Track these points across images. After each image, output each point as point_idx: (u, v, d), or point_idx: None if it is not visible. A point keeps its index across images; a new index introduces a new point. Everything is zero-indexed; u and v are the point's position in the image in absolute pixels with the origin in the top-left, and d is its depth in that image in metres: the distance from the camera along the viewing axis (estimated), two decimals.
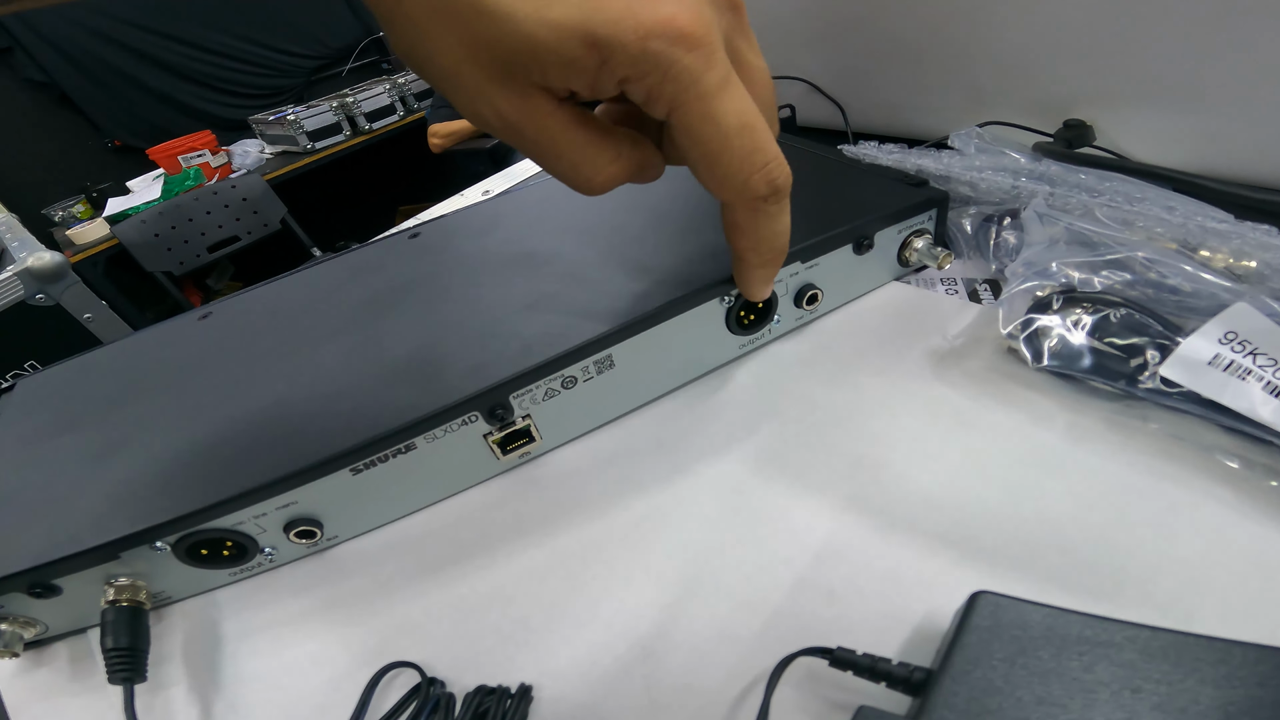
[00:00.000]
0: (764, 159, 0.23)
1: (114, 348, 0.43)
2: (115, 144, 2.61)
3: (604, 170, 0.24)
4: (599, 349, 0.30)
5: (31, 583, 0.27)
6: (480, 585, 0.28)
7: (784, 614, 0.24)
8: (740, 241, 0.26)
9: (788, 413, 0.32)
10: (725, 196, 0.24)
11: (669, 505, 0.29)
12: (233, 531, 0.28)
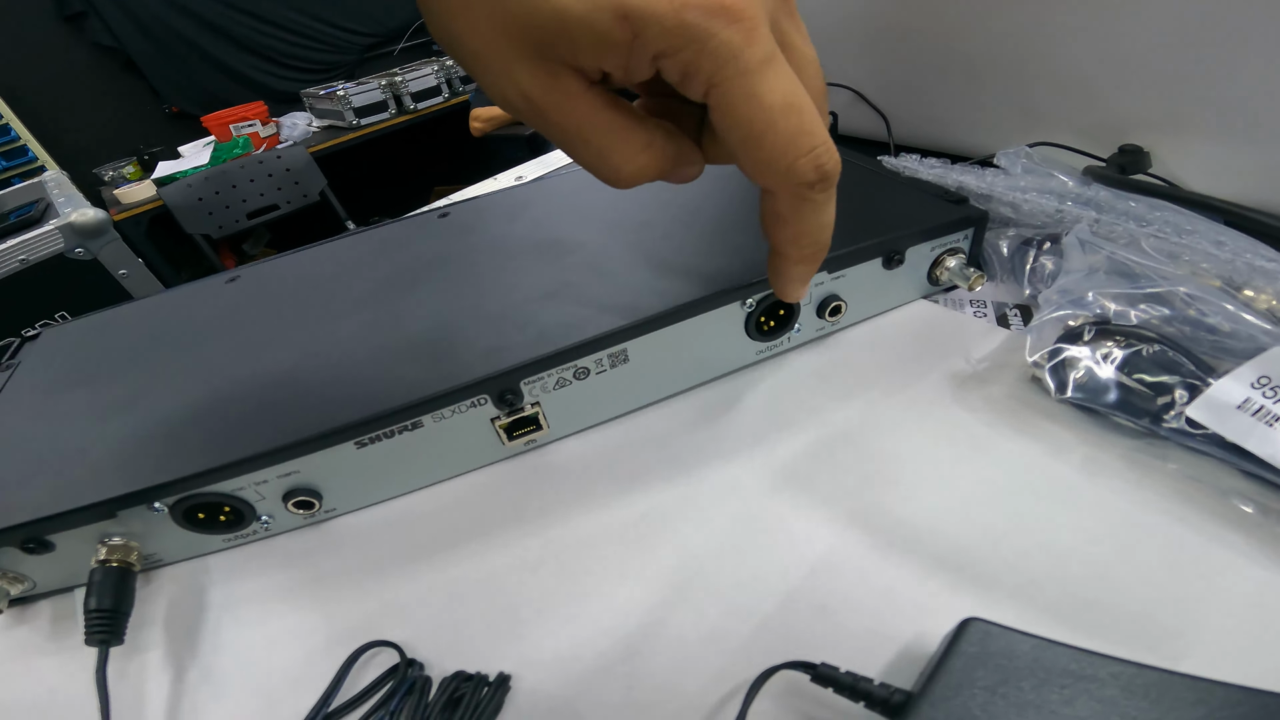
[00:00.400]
0: (812, 142, 0.21)
1: (140, 304, 0.44)
2: (172, 110, 2.70)
3: (634, 160, 0.22)
4: (614, 342, 0.30)
5: (26, 537, 0.27)
6: (472, 571, 0.28)
7: (773, 624, 0.24)
8: (780, 233, 0.24)
9: (800, 424, 0.31)
10: (768, 182, 0.22)
11: (670, 506, 0.29)
12: (231, 497, 0.28)
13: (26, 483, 0.29)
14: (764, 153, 0.21)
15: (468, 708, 0.21)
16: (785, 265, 0.26)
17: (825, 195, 0.23)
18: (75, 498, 0.27)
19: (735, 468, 0.30)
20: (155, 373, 0.35)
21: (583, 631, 0.25)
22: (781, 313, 0.33)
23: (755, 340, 0.34)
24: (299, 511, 0.29)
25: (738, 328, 0.33)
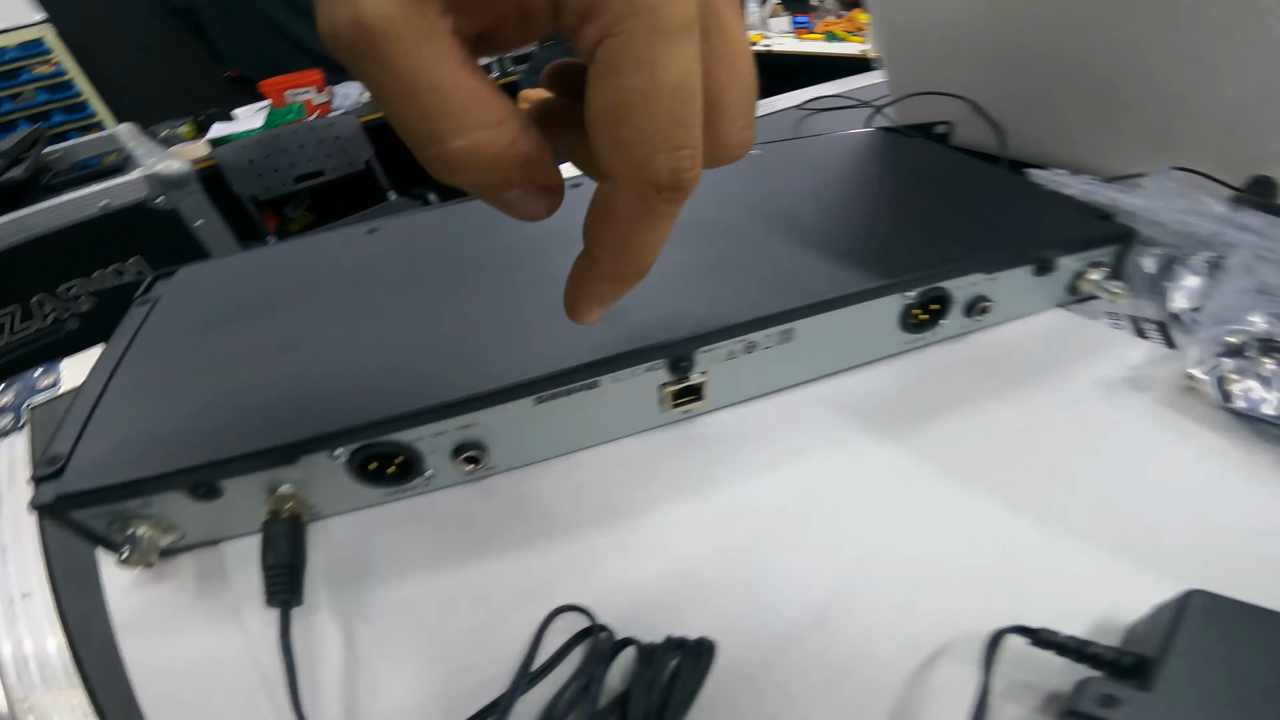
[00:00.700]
0: (682, 140, 0.17)
1: (275, 250, 0.44)
2: (232, 74, 2.73)
3: (471, 133, 0.17)
4: (788, 320, 0.31)
5: (197, 482, 0.26)
6: (640, 536, 0.28)
7: (958, 597, 0.24)
8: (603, 236, 0.20)
9: (953, 415, 0.32)
10: (615, 166, 0.18)
11: (833, 481, 0.29)
12: (407, 448, 0.28)
13: (194, 424, 0.28)
14: (627, 130, 0.17)
15: (684, 675, 0.21)
16: (591, 277, 0.21)
17: (669, 209, 0.19)
18: (254, 441, 0.26)
19: (893, 450, 0.31)
20: (311, 318, 0.35)
21: (766, 599, 0.25)
22: (935, 307, 0.34)
23: (904, 331, 0.34)
24: (466, 467, 0.29)
25: (893, 318, 0.34)
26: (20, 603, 0.30)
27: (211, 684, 0.25)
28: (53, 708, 0.26)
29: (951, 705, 0.21)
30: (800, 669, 0.23)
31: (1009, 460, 0.30)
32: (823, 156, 0.49)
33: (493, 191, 0.19)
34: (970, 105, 0.55)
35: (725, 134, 0.20)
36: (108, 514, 0.26)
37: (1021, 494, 0.28)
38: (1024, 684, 0.21)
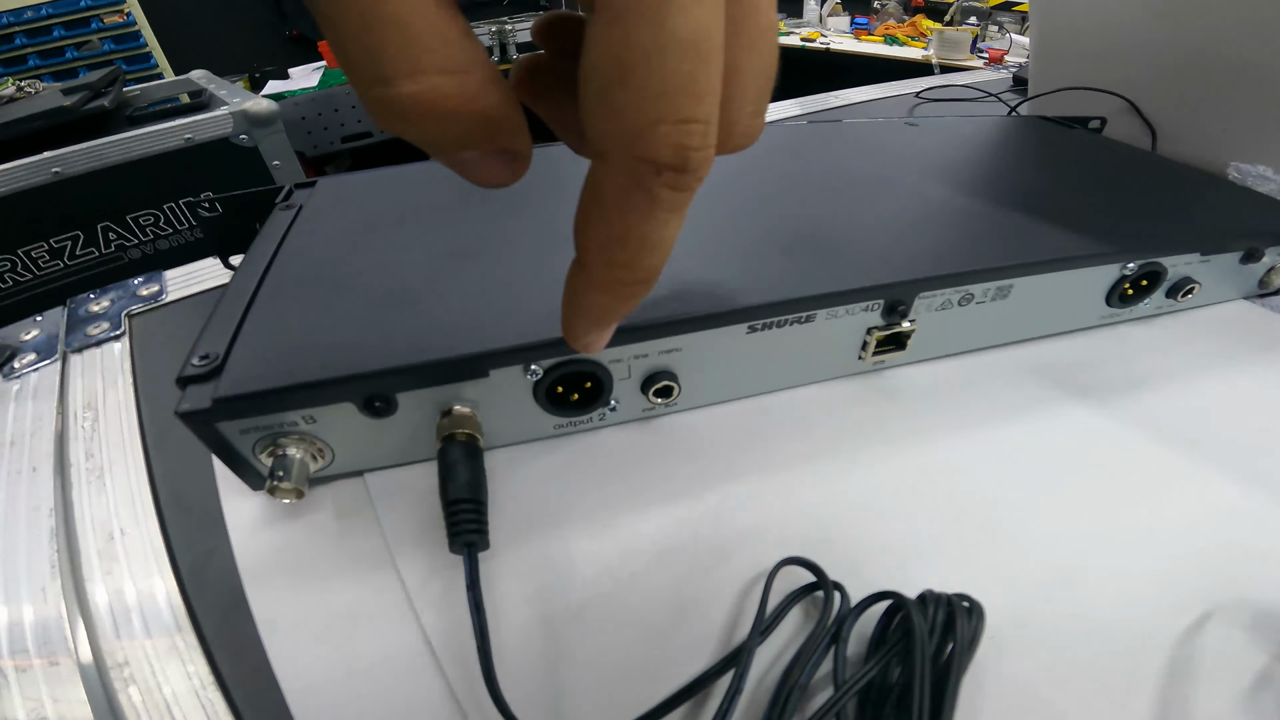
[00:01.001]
0: (690, 111, 0.14)
1: (415, 168, 0.42)
2: (294, 34, 2.76)
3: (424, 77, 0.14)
4: (1011, 274, 0.29)
5: (376, 391, 0.23)
6: (842, 489, 0.26)
7: (1209, 564, 0.23)
8: (592, 232, 0.16)
9: (1160, 388, 0.31)
10: (607, 140, 0.14)
11: (1045, 443, 0.28)
12: (603, 369, 0.26)
13: (364, 331, 0.24)
14: (623, 94, 0.13)
15: (961, 634, 0.18)
16: (584, 287, 0.17)
17: (674, 197, 0.14)
18: (441, 349, 0.23)
19: (1105, 417, 0.29)
20: (483, 229, 0.32)
21: (1001, 557, 0.23)
22: (1144, 283, 0.33)
23: (1107, 305, 0.33)
24: (656, 400, 0.27)
25: (1102, 289, 0.32)
26: (120, 539, 0.27)
27: (362, 646, 0.21)
28: (157, 667, 0.22)
29: (1229, 670, 0.20)
30: (1056, 631, 0.21)
31: (1229, 438, 0.28)
32: (984, 136, 0.48)
33: (445, 150, 0.15)
34: (1126, 103, 0.53)
35: (733, 117, 0.16)
36: (262, 429, 0.23)
37: (1253, 470, 0.26)
38: None
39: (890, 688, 0.17)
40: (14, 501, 0.29)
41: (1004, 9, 2.47)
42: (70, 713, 0.21)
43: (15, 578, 0.25)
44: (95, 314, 0.43)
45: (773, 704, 0.17)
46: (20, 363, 0.38)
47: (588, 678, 0.20)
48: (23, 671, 0.22)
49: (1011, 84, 0.84)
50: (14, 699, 0.21)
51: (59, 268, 1.05)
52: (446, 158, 0.16)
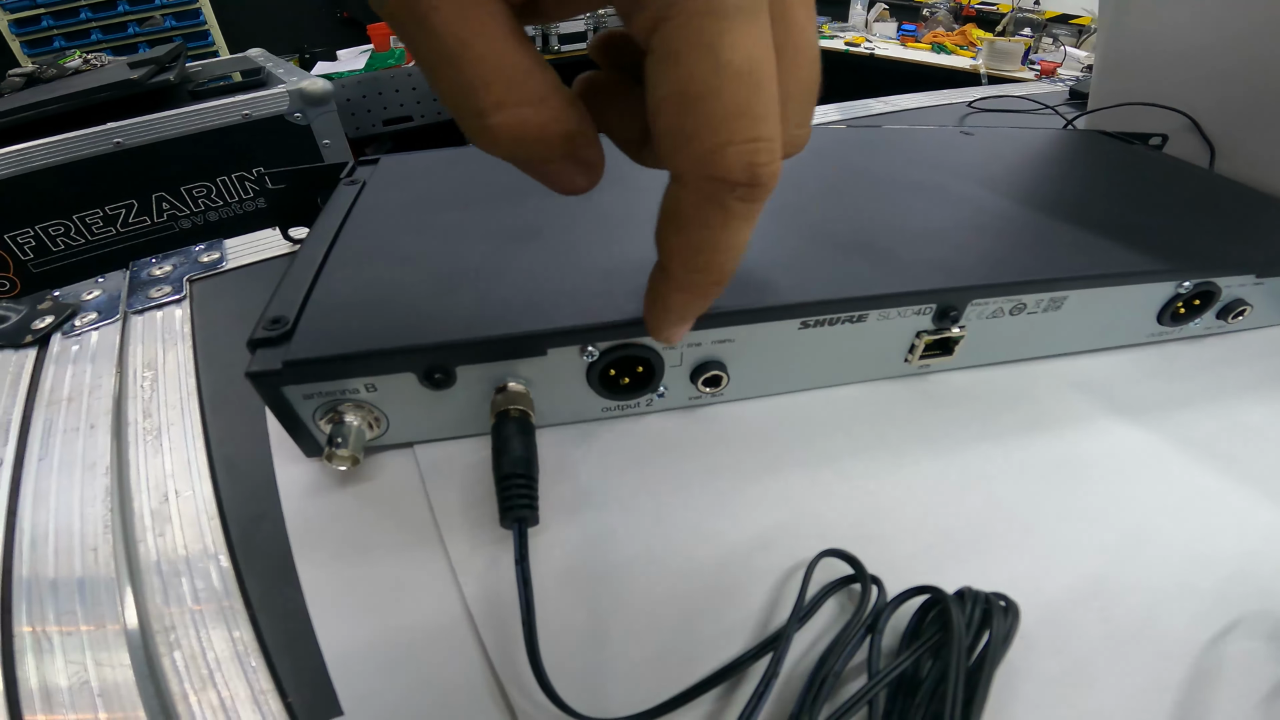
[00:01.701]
0: (754, 131, 0.15)
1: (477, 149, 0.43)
2: (344, 15, 2.82)
3: (512, 109, 0.16)
4: (1067, 286, 0.29)
5: (437, 363, 0.24)
6: (883, 485, 0.26)
7: (1237, 576, 0.23)
8: (673, 242, 0.18)
9: (1205, 408, 0.30)
10: (681, 164, 0.16)
11: (1085, 455, 0.28)
12: (655, 356, 0.26)
13: (428, 304, 0.25)
14: (691, 122, 0.15)
15: (996, 630, 0.18)
16: (667, 289, 0.20)
17: (746, 208, 0.16)
18: (503, 325, 0.24)
19: (1146, 433, 0.29)
20: (547, 211, 0.32)
21: (1034, 565, 0.23)
22: (1197, 302, 0.32)
23: (1158, 322, 0.33)
24: (704, 389, 0.28)
25: (1155, 306, 0.32)
26: (174, 501, 0.27)
27: (404, 617, 0.22)
28: (202, 632, 0.22)
29: (1248, 679, 0.20)
30: (1084, 635, 0.21)
31: (1270, 458, 0.28)
32: (1042, 147, 0.47)
33: (532, 165, 0.18)
34: (1187, 120, 0.52)
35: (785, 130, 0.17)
36: (325, 394, 0.24)
37: None
38: None
39: (922, 680, 0.18)
40: (70, 458, 0.30)
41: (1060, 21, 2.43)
42: (112, 676, 0.21)
43: (69, 535, 0.26)
44: (157, 277, 0.44)
45: (806, 689, 0.18)
46: (81, 321, 0.40)
47: (625, 656, 0.20)
48: (68, 635, 0.22)
49: (1068, 97, 0.82)
50: (57, 662, 0.21)
51: (112, 234, 1.09)
52: (532, 171, 0.18)
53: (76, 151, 0.98)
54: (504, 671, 0.20)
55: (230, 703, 0.20)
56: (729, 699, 0.19)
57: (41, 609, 0.23)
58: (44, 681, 0.21)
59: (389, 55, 2.42)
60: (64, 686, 0.21)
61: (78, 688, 0.21)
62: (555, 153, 0.17)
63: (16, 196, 0.99)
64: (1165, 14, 0.53)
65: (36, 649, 0.22)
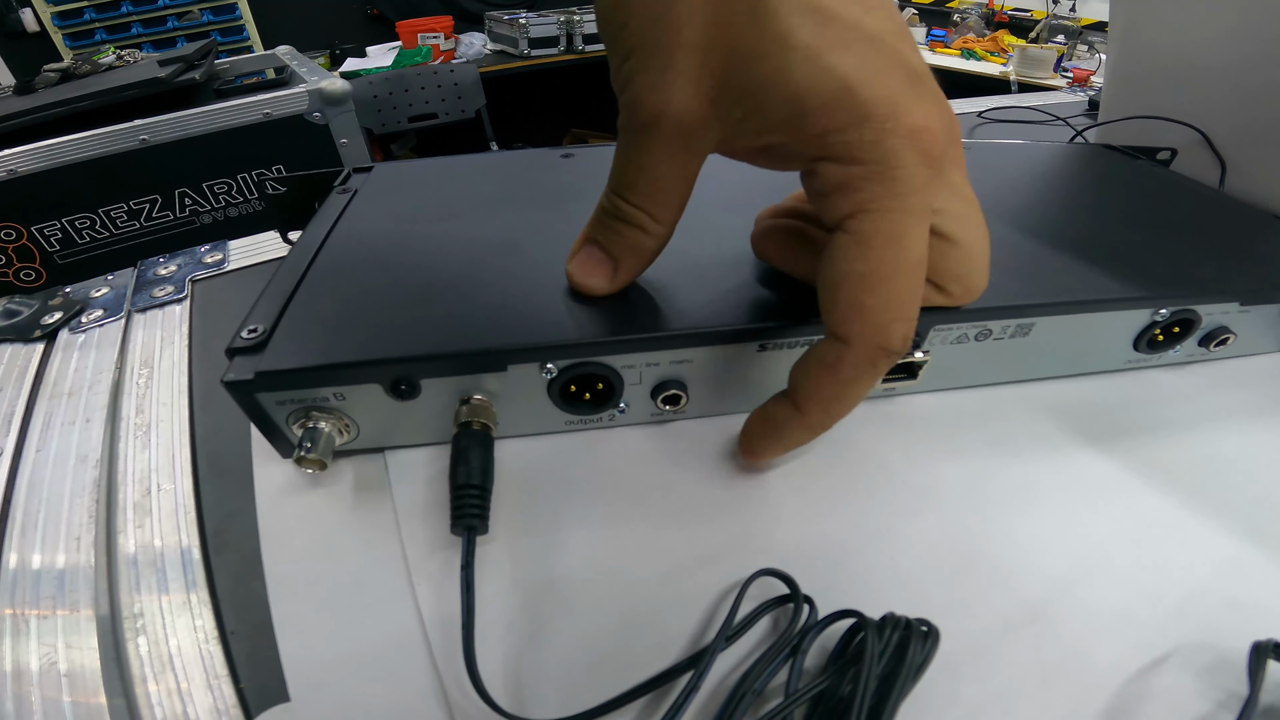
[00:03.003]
0: (912, 311, 0.20)
1: (469, 159, 0.43)
2: (373, 12, 2.88)
3: (644, 216, 0.23)
4: (1034, 314, 0.29)
5: (403, 375, 0.25)
6: (835, 506, 0.26)
7: (1180, 608, 0.23)
8: (821, 390, 0.22)
9: (1174, 437, 0.30)
10: (853, 331, 0.20)
11: (1044, 478, 0.28)
12: (615, 373, 0.26)
13: (400, 316, 0.26)
14: (872, 299, 0.19)
15: (911, 657, 0.18)
16: (793, 426, 0.23)
17: (884, 371, 0.21)
18: (467, 341, 0.25)
19: (1110, 459, 0.29)
20: (521, 228, 0.33)
21: (973, 590, 0.23)
22: (1176, 330, 0.32)
23: (1134, 349, 0.32)
24: (663, 407, 0.28)
25: (1131, 333, 0.31)
26: (155, 495, 0.29)
27: (359, 614, 0.22)
28: (168, 620, 0.23)
29: (1168, 714, 0.20)
30: (1011, 663, 0.21)
31: (1236, 489, 0.27)
32: (1043, 162, 0.47)
33: (611, 247, 0.25)
34: (1198, 135, 0.51)
35: (976, 283, 0.24)
36: (297, 401, 0.25)
37: (1250, 522, 0.26)
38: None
39: (839, 700, 0.18)
40: (65, 451, 0.31)
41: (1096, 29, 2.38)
42: (80, 659, 0.22)
43: (56, 524, 0.27)
44: (162, 277, 0.46)
45: (725, 705, 0.18)
46: (88, 318, 0.42)
47: (561, 663, 0.21)
48: (44, 618, 0.23)
49: (1087, 108, 0.81)
50: (31, 644, 0.23)
51: (135, 228, 1.12)
52: (599, 250, 0.26)
53: (104, 147, 1.02)
54: (446, 671, 0.21)
55: (186, 687, 0.21)
56: (653, 710, 0.20)
57: (24, 593, 0.25)
58: (16, 663, 0.22)
59: (416, 53, 2.45)
60: (34, 669, 0.22)
61: (46, 669, 0.22)
62: (629, 253, 0.25)
63: (46, 190, 1.02)
64: (1178, 26, 0.52)
65: (14, 632, 0.23)
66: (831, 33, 0.18)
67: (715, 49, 0.19)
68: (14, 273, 1.09)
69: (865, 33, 0.18)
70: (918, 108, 0.18)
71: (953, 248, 0.22)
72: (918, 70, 0.19)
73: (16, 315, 0.43)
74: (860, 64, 0.18)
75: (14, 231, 1.05)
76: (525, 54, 2.46)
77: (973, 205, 0.23)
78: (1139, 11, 0.56)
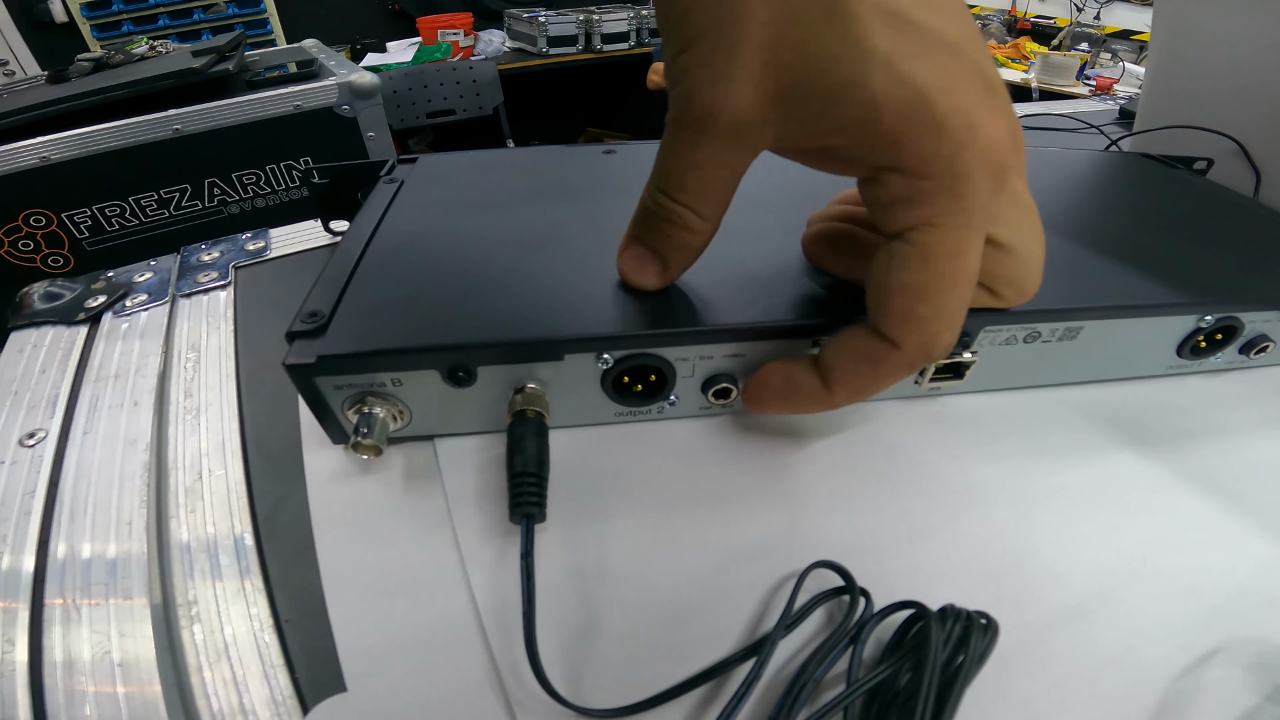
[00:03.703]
0: (961, 320, 0.20)
1: (512, 152, 0.43)
2: (394, 8, 2.89)
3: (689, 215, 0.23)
4: (1083, 317, 0.29)
5: (460, 363, 0.25)
6: (880, 503, 0.27)
7: (1223, 608, 0.23)
8: (856, 381, 0.22)
9: (1214, 443, 0.30)
10: (903, 337, 0.20)
11: (1087, 481, 0.28)
12: (669, 365, 0.27)
13: (455, 305, 0.26)
14: (926, 309, 0.20)
15: (974, 647, 0.19)
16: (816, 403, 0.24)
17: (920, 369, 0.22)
18: (524, 329, 0.25)
19: (1151, 464, 0.29)
20: (573, 219, 0.33)
21: (1022, 585, 0.24)
22: (1219, 337, 0.32)
23: (1177, 355, 0.32)
24: (713, 400, 0.28)
25: (1174, 339, 0.32)
26: (207, 479, 0.29)
27: (413, 602, 0.23)
28: (222, 608, 0.23)
29: (1218, 707, 0.20)
30: (1060, 658, 0.21)
31: (1275, 494, 0.28)
32: (1083, 169, 0.47)
33: (657, 245, 0.25)
34: (1235, 145, 0.51)
35: (1029, 286, 0.24)
36: (354, 386, 0.25)
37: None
38: None
39: (898, 691, 0.18)
40: (113, 434, 0.31)
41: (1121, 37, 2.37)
42: (134, 649, 0.22)
43: (107, 509, 0.27)
44: (205, 263, 0.47)
45: (786, 693, 0.19)
46: (132, 301, 0.42)
47: (617, 652, 0.21)
48: (96, 607, 0.23)
49: (1118, 116, 0.81)
50: (83, 633, 0.22)
51: (164, 217, 1.13)
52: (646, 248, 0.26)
53: (138, 136, 1.03)
54: (502, 660, 0.21)
55: (242, 676, 0.21)
56: (713, 698, 0.20)
57: (74, 581, 0.24)
58: (68, 653, 0.22)
59: (435, 49, 2.46)
60: (87, 658, 0.22)
61: (99, 658, 0.22)
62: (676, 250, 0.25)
63: (78, 178, 1.04)
64: (1219, 37, 0.53)
65: (65, 620, 0.23)
66: (910, 40, 0.17)
67: (783, 47, 0.18)
68: (41, 258, 1.10)
69: (944, 41, 0.18)
70: (992, 122, 0.18)
71: (1008, 254, 0.22)
72: (993, 82, 0.19)
73: (59, 298, 0.43)
74: (939, 74, 0.17)
75: (44, 218, 1.06)
76: (543, 52, 2.48)
77: (1031, 211, 0.23)
78: (1181, 22, 0.56)
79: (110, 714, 0.20)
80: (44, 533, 0.26)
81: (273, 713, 0.20)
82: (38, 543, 0.26)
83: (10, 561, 0.25)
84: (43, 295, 0.43)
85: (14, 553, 0.25)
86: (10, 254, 1.07)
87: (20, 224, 1.05)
